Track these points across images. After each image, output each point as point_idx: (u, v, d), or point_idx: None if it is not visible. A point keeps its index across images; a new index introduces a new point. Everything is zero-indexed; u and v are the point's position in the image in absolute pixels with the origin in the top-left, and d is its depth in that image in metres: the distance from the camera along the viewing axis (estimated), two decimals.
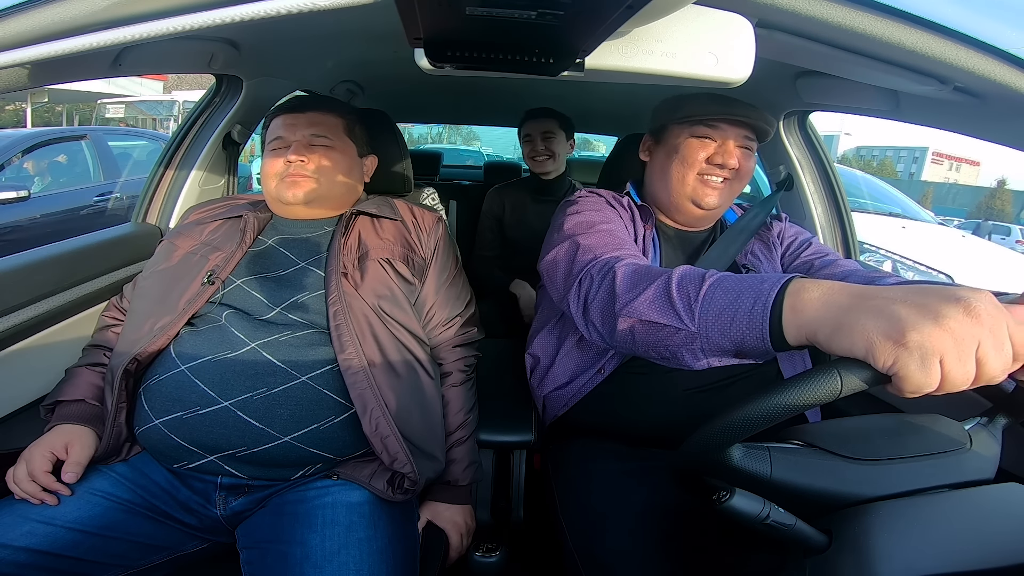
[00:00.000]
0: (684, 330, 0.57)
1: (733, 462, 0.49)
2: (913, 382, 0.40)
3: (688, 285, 0.58)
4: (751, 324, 0.51)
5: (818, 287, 0.48)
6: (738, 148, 0.89)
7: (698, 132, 0.89)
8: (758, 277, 0.54)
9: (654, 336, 0.60)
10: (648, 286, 0.62)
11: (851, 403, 0.99)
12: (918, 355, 0.39)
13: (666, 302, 0.59)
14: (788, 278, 0.51)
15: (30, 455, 0.71)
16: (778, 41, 0.67)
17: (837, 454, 0.52)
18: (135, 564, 0.70)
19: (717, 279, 0.57)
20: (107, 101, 10.24)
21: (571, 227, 0.85)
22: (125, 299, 0.94)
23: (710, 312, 0.55)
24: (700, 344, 0.56)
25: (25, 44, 0.52)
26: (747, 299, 0.52)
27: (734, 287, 0.54)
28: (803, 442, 0.54)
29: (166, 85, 12.52)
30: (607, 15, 0.48)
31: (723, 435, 0.46)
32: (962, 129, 0.83)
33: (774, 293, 0.50)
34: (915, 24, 0.59)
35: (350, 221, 0.92)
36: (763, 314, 0.50)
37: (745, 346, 0.52)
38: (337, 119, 0.97)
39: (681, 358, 0.59)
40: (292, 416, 0.73)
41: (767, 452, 0.51)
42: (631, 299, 0.62)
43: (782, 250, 1.00)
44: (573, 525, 0.80)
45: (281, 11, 0.49)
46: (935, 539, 0.45)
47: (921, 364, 0.39)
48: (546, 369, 0.97)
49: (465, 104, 2.32)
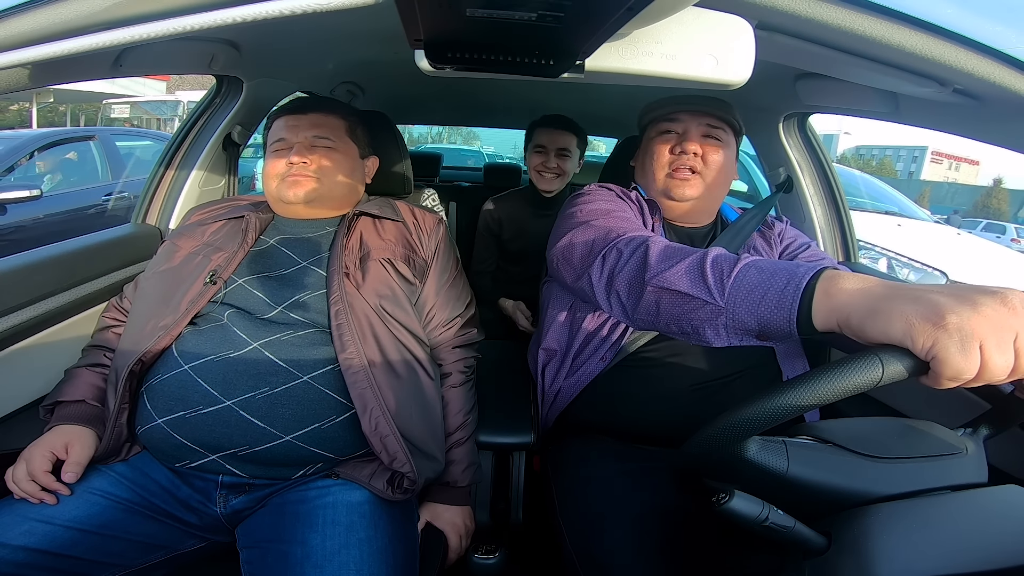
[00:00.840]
0: (711, 304, 0.58)
1: (748, 456, 0.48)
2: (953, 366, 0.39)
3: (723, 263, 0.60)
4: (780, 303, 0.52)
5: (854, 276, 0.49)
6: (701, 138, 0.93)
7: (661, 128, 0.96)
8: (793, 263, 0.55)
9: (680, 308, 0.61)
10: (682, 259, 0.63)
11: (849, 405, 0.99)
12: (958, 338, 0.39)
13: (698, 275, 0.60)
14: (824, 266, 0.52)
15: (30, 455, 0.71)
16: (778, 43, 0.67)
17: (853, 451, 0.51)
18: (134, 563, 0.70)
19: (752, 261, 0.58)
20: (112, 101, 10.34)
21: (587, 213, 0.86)
22: (126, 299, 0.94)
23: (740, 289, 0.56)
24: (724, 320, 0.57)
25: (26, 45, 0.52)
26: (780, 279, 0.53)
27: (768, 268, 0.55)
28: (815, 438, 0.53)
29: (169, 85, 12.60)
30: (607, 17, 0.48)
31: (749, 423, 0.45)
32: (962, 131, 0.83)
33: (808, 276, 0.51)
34: (914, 26, 0.59)
35: (352, 222, 0.92)
36: (795, 295, 0.51)
37: (770, 326, 0.53)
38: (339, 121, 0.98)
39: (702, 333, 0.60)
40: (294, 415, 0.73)
41: (783, 446, 0.50)
42: (663, 269, 0.64)
43: (781, 248, 1.02)
44: (572, 526, 0.80)
45: (281, 12, 0.49)
46: (934, 541, 0.45)
47: (961, 347, 0.39)
48: (561, 359, 0.97)
49: (465, 106, 2.32)
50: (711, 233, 1.02)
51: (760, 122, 1.32)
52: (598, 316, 0.92)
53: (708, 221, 1.03)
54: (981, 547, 0.45)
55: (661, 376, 0.89)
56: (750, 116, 1.33)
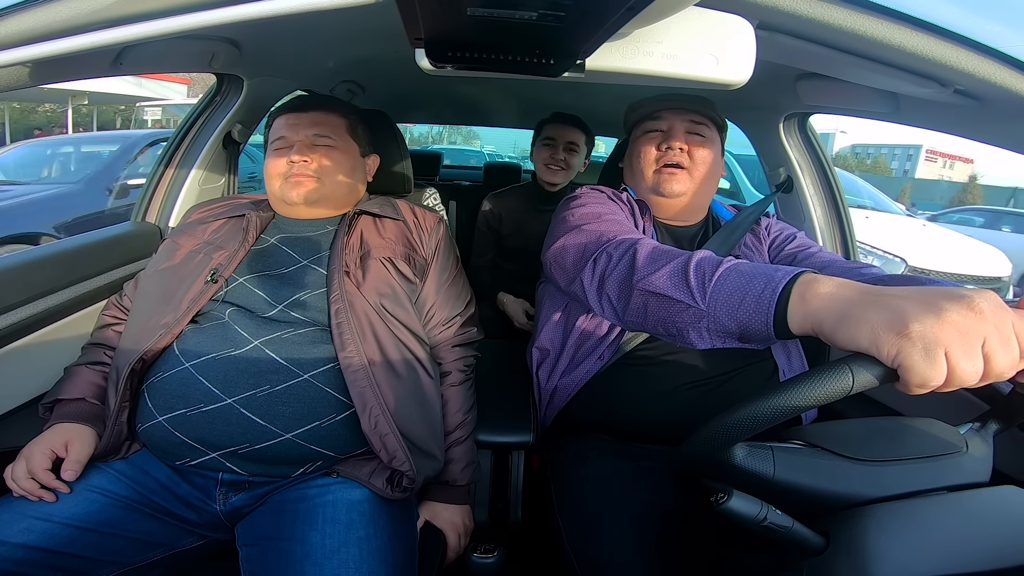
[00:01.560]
0: (694, 307, 0.59)
1: (735, 462, 0.49)
2: (918, 374, 0.40)
3: (705, 267, 0.60)
4: (758, 308, 0.53)
5: (828, 281, 0.49)
6: (686, 135, 0.95)
7: (647, 127, 0.98)
8: (772, 267, 0.55)
9: (665, 311, 0.63)
10: (667, 263, 0.64)
11: (849, 405, 0.99)
12: (921, 346, 0.39)
13: (682, 279, 0.61)
14: (800, 271, 0.52)
15: (30, 453, 0.71)
16: (779, 43, 0.67)
17: (840, 454, 0.52)
18: (133, 560, 0.70)
19: (733, 265, 0.59)
20: (145, 104, 10.84)
21: (579, 217, 0.87)
22: (126, 297, 0.94)
23: (721, 293, 0.57)
24: (707, 323, 0.58)
25: (26, 43, 0.52)
26: (758, 284, 0.54)
27: (748, 272, 0.56)
28: (804, 442, 0.54)
29: (190, 88, 12.94)
30: (608, 16, 0.48)
31: (727, 433, 0.45)
32: (962, 132, 0.83)
33: (784, 282, 0.52)
34: (916, 26, 0.59)
35: (353, 220, 0.93)
36: (771, 299, 0.52)
37: (749, 330, 0.54)
38: (340, 119, 0.98)
39: (687, 335, 0.61)
40: (294, 414, 0.73)
41: (770, 452, 0.51)
42: (650, 272, 0.65)
43: (769, 242, 1.03)
44: (569, 525, 0.80)
45: (282, 11, 0.49)
46: (932, 541, 0.45)
47: (925, 355, 0.39)
48: (555, 359, 0.98)
49: (466, 105, 2.32)
50: (702, 232, 1.03)
51: (760, 122, 1.32)
52: (593, 316, 0.92)
53: (699, 219, 1.04)
54: (979, 547, 0.45)
55: (658, 374, 0.89)
56: (750, 116, 1.34)
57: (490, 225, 1.82)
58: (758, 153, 1.44)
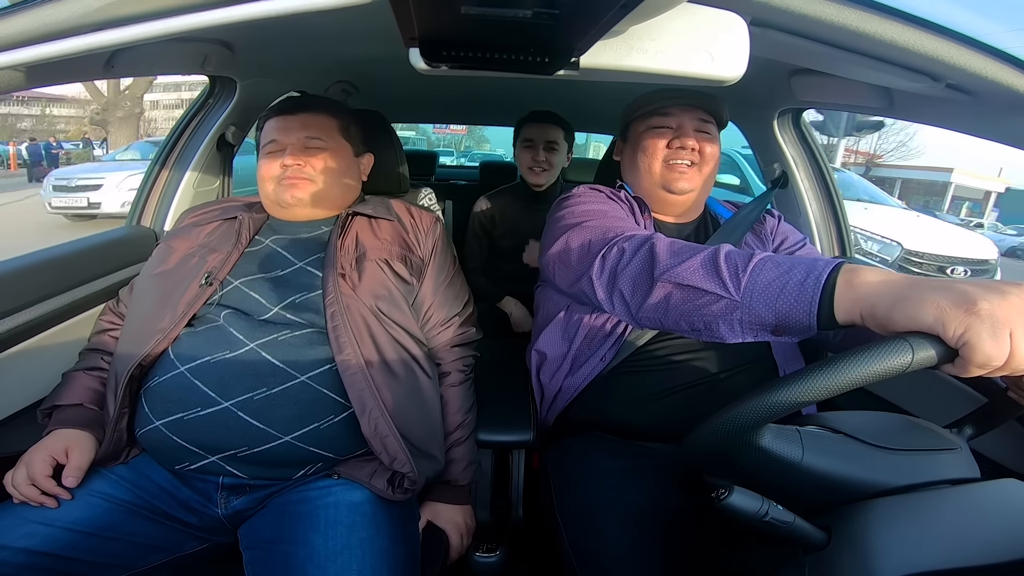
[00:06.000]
0: (726, 298, 0.57)
1: (763, 443, 0.48)
2: (984, 352, 0.40)
3: (736, 258, 0.59)
4: (800, 297, 0.51)
5: (875, 270, 0.49)
6: (695, 132, 0.93)
7: (654, 123, 0.95)
8: (809, 258, 0.55)
9: (692, 303, 0.60)
10: (694, 255, 0.62)
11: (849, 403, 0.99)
12: (989, 324, 0.40)
13: (712, 269, 0.59)
14: (843, 260, 0.52)
15: (30, 459, 0.71)
16: (772, 39, 0.68)
17: (865, 441, 0.51)
18: (135, 565, 0.70)
19: (767, 256, 0.58)
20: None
21: (579, 215, 0.85)
22: (122, 303, 0.94)
23: (758, 283, 0.55)
24: (740, 315, 0.56)
25: (17, 46, 0.51)
26: (798, 273, 0.53)
27: (785, 262, 0.55)
28: (824, 427, 0.52)
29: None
30: (602, 14, 0.48)
31: (772, 408, 0.43)
32: (955, 126, 0.83)
33: (829, 270, 0.51)
34: (907, 21, 0.59)
35: (347, 222, 0.92)
36: (815, 287, 0.51)
37: (788, 320, 0.52)
38: (331, 120, 0.97)
39: (716, 329, 0.58)
40: (292, 416, 0.73)
41: (798, 435, 0.49)
42: (674, 264, 0.63)
43: (774, 245, 1.02)
44: (569, 523, 0.80)
45: (275, 12, 0.49)
46: (934, 535, 0.45)
47: (992, 333, 0.40)
48: (554, 362, 0.98)
49: (461, 103, 2.32)
50: (699, 229, 1.02)
51: (754, 118, 1.32)
52: (595, 317, 0.92)
53: (695, 217, 1.03)
54: (980, 541, 0.45)
55: (660, 374, 0.89)
56: (744, 112, 1.34)
57: (483, 227, 1.83)
58: (753, 149, 1.44)
